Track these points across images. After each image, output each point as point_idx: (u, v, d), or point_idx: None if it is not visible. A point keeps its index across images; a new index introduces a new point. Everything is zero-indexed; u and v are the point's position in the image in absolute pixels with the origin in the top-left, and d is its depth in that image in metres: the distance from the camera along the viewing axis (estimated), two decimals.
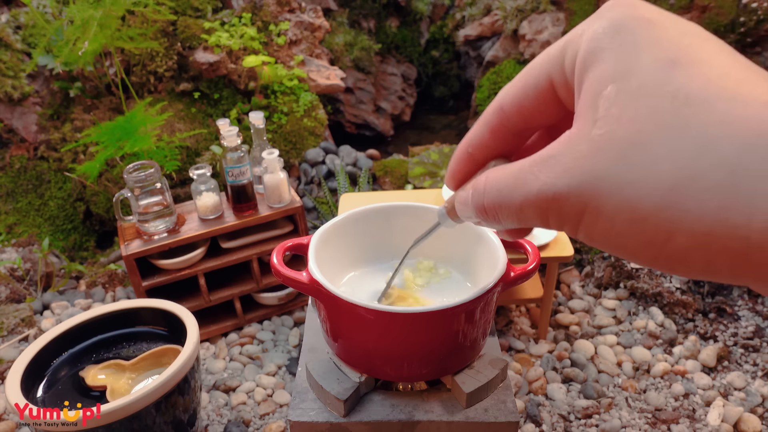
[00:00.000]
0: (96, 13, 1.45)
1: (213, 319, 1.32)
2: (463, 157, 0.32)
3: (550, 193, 0.23)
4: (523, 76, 0.27)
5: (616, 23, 0.22)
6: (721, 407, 1.06)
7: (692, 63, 0.20)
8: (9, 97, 1.79)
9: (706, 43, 0.22)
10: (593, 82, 0.22)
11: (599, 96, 0.22)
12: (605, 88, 0.22)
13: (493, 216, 0.27)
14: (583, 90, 0.23)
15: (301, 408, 0.63)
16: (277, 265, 0.60)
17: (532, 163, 0.24)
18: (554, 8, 2.38)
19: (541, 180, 0.23)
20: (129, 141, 1.38)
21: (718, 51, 0.21)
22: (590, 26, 0.23)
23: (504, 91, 0.28)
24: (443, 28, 3.00)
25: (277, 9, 2.03)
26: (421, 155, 1.74)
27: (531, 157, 0.25)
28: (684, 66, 0.20)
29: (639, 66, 0.21)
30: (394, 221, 0.72)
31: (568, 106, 0.26)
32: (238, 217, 1.22)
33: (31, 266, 1.53)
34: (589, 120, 0.22)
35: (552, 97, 0.26)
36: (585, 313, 1.34)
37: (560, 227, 0.24)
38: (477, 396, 0.63)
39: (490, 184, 0.27)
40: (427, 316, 0.55)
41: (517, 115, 0.28)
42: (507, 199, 0.26)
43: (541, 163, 0.24)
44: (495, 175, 0.27)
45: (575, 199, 0.22)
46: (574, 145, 0.22)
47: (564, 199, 0.22)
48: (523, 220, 0.26)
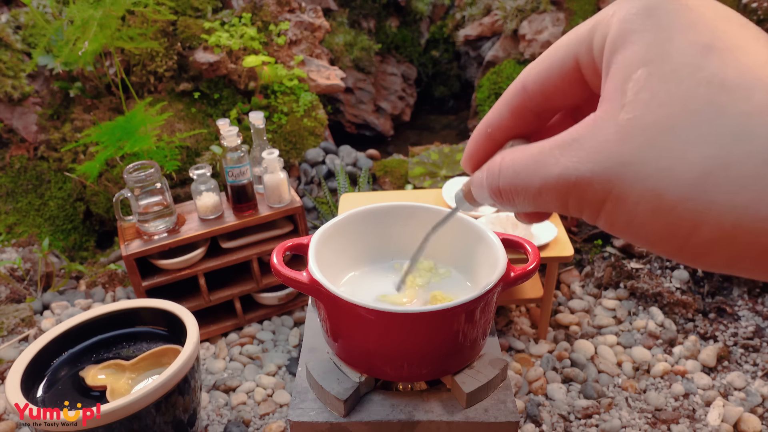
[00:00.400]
0: (96, 13, 1.45)
1: (213, 319, 1.32)
2: (482, 137, 0.31)
3: (572, 178, 0.22)
4: (548, 55, 0.26)
5: (649, 5, 0.21)
6: (721, 407, 1.06)
7: (729, 49, 0.19)
8: (9, 97, 1.79)
9: (744, 29, 0.21)
10: (622, 65, 0.21)
11: (628, 79, 0.21)
12: (635, 72, 0.21)
13: (508, 199, 0.27)
14: (611, 72, 0.22)
15: (301, 408, 0.63)
16: (277, 265, 0.60)
17: (554, 146, 0.23)
18: (554, 8, 2.38)
19: (563, 163, 0.22)
20: (129, 141, 1.38)
21: (755, 38, 0.20)
22: (622, 7, 0.22)
23: (527, 69, 0.28)
24: (443, 28, 3.00)
25: (277, 9, 2.03)
26: (421, 155, 1.74)
27: (552, 138, 0.24)
28: (720, 51, 0.19)
29: (672, 50, 0.20)
30: (394, 221, 0.72)
31: (593, 88, 0.25)
32: (238, 217, 1.22)
33: (31, 266, 1.53)
34: (617, 104, 0.21)
35: (577, 78, 0.26)
36: (585, 313, 1.34)
37: (580, 213, 0.23)
38: (477, 396, 0.63)
39: (507, 165, 0.26)
40: (427, 316, 0.55)
41: (539, 94, 0.27)
42: (524, 182, 0.25)
43: (564, 146, 0.23)
44: (512, 157, 0.26)
45: (598, 185, 0.21)
46: (600, 128, 0.22)
47: (586, 185, 0.22)
48: (540, 204, 0.25)
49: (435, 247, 0.74)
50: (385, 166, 1.80)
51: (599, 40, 0.23)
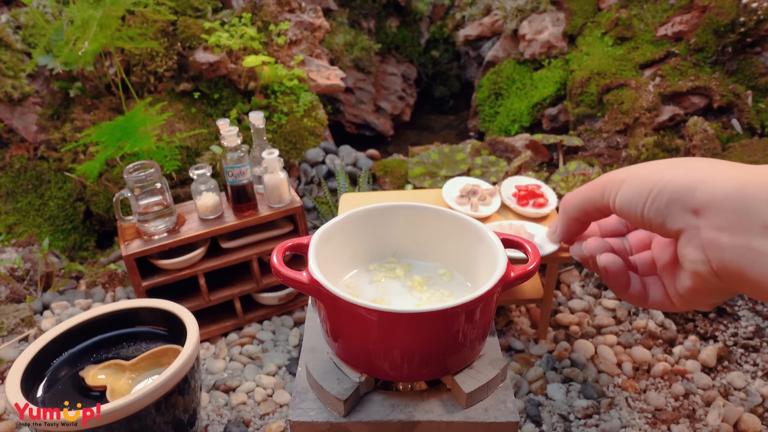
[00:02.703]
0: (96, 13, 1.45)
1: (213, 319, 1.32)
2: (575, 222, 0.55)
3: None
4: (576, 203, 0.53)
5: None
6: (721, 407, 1.06)
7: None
8: (9, 97, 1.79)
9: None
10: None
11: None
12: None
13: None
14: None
15: (301, 408, 0.63)
16: (277, 265, 0.60)
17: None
18: (554, 8, 2.38)
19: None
20: (129, 141, 1.38)
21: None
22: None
23: (570, 207, 0.54)
24: (443, 28, 3.00)
25: (277, 9, 2.04)
26: (421, 155, 1.74)
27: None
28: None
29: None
30: (394, 221, 0.72)
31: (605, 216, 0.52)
32: (238, 217, 1.22)
33: (31, 266, 1.53)
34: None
35: (597, 212, 0.52)
36: (585, 313, 1.34)
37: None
38: (477, 396, 0.63)
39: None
40: (427, 316, 0.55)
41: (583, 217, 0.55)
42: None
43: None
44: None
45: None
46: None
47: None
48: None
49: (435, 247, 0.74)
50: (385, 166, 1.80)
51: (610, 197, 0.47)
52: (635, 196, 0.45)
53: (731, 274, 0.39)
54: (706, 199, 0.40)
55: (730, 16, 1.81)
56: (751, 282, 0.38)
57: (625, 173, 0.47)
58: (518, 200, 1.19)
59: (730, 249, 0.38)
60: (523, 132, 2.20)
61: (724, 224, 0.39)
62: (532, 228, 0.57)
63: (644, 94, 1.83)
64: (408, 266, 0.74)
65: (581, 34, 2.23)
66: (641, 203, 0.44)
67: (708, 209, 0.40)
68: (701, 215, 0.40)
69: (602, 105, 1.93)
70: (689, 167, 0.42)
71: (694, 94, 1.81)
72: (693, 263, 0.42)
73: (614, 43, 2.09)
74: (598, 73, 1.97)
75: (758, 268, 0.37)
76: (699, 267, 0.42)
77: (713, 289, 0.43)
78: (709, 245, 0.40)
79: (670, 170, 0.43)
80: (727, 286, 0.42)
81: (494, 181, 1.53)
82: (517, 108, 2.25)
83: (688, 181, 0.41)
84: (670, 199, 0.42)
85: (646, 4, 2.12)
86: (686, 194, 0.41)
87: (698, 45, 1.88)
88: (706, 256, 0.41)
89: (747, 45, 1.80)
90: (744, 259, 0.38)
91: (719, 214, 0.39)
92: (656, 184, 0.43)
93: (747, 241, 0.37)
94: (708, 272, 0.41)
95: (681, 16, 1.96)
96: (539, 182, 1.25)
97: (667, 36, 1.98)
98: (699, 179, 0.41)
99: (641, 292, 0.51)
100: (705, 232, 0.40)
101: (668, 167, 0.44)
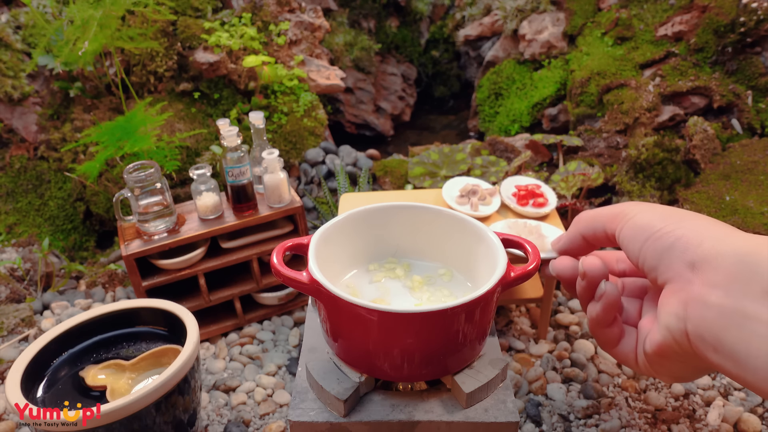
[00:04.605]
0: (96, 13, 1.45)
1: (213, 319, 1.32)
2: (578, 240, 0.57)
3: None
4: (584, 226, 0.57)
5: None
6: (721, 407, 1.06)
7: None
8: (9, 97, 1.79)
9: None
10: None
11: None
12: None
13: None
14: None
15: (301, 408, 0.63)
16: (277, 265, 0.60)
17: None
18: (554, 8, 2.38)
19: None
20: (129, 141, 1.38)
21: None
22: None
23: (582, 226, 0.57)
24: (443, 28, 3.00)
25: (277, 9, 2.04)
26: (421, 155, 1.74)
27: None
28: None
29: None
30: (394, 221, 0.72)
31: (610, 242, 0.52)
32: (238, 217, 1.22)
33: (31, 266, 1.53)
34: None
35: (603, 236, 0.55)
36: (585, 313, 1.34)
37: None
38: (477, 396, 0.63)
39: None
40: (427, 316, 0.55)
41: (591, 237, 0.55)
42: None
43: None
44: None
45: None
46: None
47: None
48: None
49: (435, 247, 0.74)
50: (385, 166, 1.80)
51: (618, 225, 0.48)
52: (640, 231, 0.44)
53: (705, 339, 0.36)
54: (710, 253, 0.38)
55: (730, 16, 1.81)
56: (726, 351, 0.35)
57: (640, 208, 0.46)
58: (518, 200, 1.19)
59: (717, 308, 0.36)
60: (523, 132, 2.20)
61: (720, 281, 0.36)
62: (547, 230, 0.57)
63: (644, 94, 1.83)
64: (408, 266, 0.74)
65: (581, 34, 2.23)
66: (642, 239, 0.43)
67: (707, 264, 0.38)
68: (698, 270, 0.38)
69: (602, 105, 1.93)
70: (704, 226, 0.40)
71: (694, 94, 1.81)
72: (668, 316, 0.40)
73: (614, 43, 2.09)
74: (598, 73, 1.97)
75: (740, 335, 0.34)
76: (672, 322, 0.39)
77: (678, 355, 0.41)
78: (694, 301, 0.38)
79: (686, 224, 0.41)
80: (695, 354, 0.39)
81: (494, 181, 1.53)
82: (517, 108, 2.25)
83: (698, 235, 0.40)
84: (673, 246, 0.40)
85: (646, 4, 2.12)
86: (690, 247, 0.39)
87: (698, 45, 1.88)
88: (685, 312, 0.38)
89: (747, 45, 1.80)
90: (728, 321, 0.35)
91: (718, 270, 0.37)
92: (664, 229, 0.42)
93: (739, 303, 0.35)
94: (679, 331, 0.39)
95: (681, 16, 1.96)
96: (539, 182, 1.25)
97: (667, 36, 1.98)
98: (710, 235, 0.39)
99: (616, 336, 0.49)
100: (695, 287, 0.38)
101: (686, 220, 0.42)
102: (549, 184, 1.48)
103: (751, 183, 1.48)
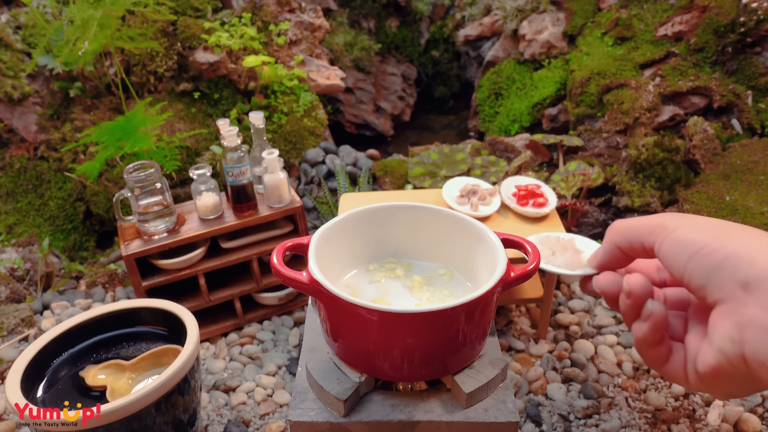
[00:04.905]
0: (96, 13, 1.45)
1: (213, 319, 1.32)
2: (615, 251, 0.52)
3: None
4: (621, 237, 0.50)
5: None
6: (721, 407, 1.06)
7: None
8: (9, 97, 1.79)
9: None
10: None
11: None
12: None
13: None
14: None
15: (301, 408, 0.63)
16: (277, 265, 0.60)
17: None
18: (554, 8, 2.38)
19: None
20: (129, 141, 1.38)
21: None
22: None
23: (617, 237, 0.51)
24: (443, 28, 3.01)
25: (277, 9, 2.04)
26: (421, 155, 1.74)
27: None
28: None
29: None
30: (394, 221, 0.72)
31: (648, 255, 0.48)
32: (238, 217, 1.22)
33: (31, 266, 1.53)
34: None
35: (640, 248, 0.49)
36: (585, 313, 1.34)
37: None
38: (477, 396, 0.63)
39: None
40: (427, 316, 0.55)
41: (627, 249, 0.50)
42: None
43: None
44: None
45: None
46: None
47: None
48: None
49: (435, 247, 0.74)
50: (385, 166, 1.80)
51: (657, 240, 0.44)
52: (683, 248, 0.41)
53: (765, 364, 0.35)
54: (764, 273, 0.36)
55: (730, 16, 1.81)
56: None
57: (681, 221, 0.43)
58: (518, 200, 1.19)
59: None
60: (523, 132, 2.20)
61: None
62: (582, 243, 0.55)
63: (644, 94, 1.83)
64: (408, 266, 0.74)
65: (581, 34, 2.23)
66: (687, 256, 0.41)
67: (763, 284, 0.36)
68: (752, 290, 0.36)
69: (602, 105, 1.93)
70: (753, 241, 0.38)
71: (694, 94, 1.81)
72: (722, 339, 0.38)
73: (614, 43, 2.09)
74: (598, 73, 1.97)
75: None
76: (727, 346, 0.38)
77: (734, 376, 0.39)
78: (751, 324, 0.36)
79: (732, 239, 0.39)
80: (753, 377, 0.37)
81: (494, 181, 1.53)
82: (517, 108, 2.25)
83: (748, 252, 0.37)
84: (722, 264, 0.38)
85: (646, 4, 2.12)
86: (741, 266, 0.37)
87: (698, 45, 1.88)
88: (741, 335, 0.37)
89: (747, 45, 1.80)
90: None
91: None
92: (710, 245, 0.39)
93: None
94: (735, 354, 0.37)
95: (681, 16, 1.96)
96: (539, 182, 1.25)
97: (667, 36, 1.98)
98: (761, 252, 0.37)
99: (664, 354, 0.46)
100: (750, 309, 0.36)
101: (732, 235, 0.39)
102: (549, 184, 1.48)
103: (751, 183, 1.48)
